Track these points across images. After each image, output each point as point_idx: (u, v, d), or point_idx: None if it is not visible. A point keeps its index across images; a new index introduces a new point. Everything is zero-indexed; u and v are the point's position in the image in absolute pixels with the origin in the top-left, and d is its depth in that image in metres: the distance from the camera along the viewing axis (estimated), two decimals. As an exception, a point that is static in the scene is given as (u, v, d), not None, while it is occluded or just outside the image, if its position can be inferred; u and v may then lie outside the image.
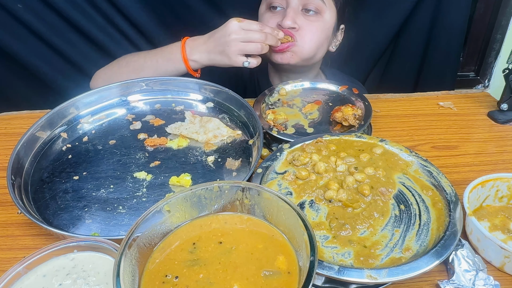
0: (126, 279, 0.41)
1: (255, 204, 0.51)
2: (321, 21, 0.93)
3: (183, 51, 0.87)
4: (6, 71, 1.13)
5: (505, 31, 1.17)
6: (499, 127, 0.87)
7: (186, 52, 0.88)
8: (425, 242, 0.54)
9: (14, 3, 1.00)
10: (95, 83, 0.98)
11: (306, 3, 0.91)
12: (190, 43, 0.88)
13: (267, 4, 0.95)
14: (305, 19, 0.92)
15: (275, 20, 0.93)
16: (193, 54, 0.87)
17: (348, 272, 0.49)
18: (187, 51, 0.88)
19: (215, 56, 0.86)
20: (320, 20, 0.93)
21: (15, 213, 0.68)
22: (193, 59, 0.88)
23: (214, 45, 0.85)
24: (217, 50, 0.85)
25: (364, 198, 0.61)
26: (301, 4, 0.91)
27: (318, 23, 0.93)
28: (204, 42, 0.87)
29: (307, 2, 0.91)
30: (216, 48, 0.85)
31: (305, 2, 0.91)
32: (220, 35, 0.84)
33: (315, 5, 0.91)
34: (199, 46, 0.87)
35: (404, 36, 1.22)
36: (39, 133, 0.79)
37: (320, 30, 0.94)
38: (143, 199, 0.68)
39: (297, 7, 0.91)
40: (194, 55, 0.87)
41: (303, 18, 0.92)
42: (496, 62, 1.23)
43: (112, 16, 1.08)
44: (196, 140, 0.80)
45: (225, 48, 0.83)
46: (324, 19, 0.93)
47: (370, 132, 0.85)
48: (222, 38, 0.83)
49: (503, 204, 0.64)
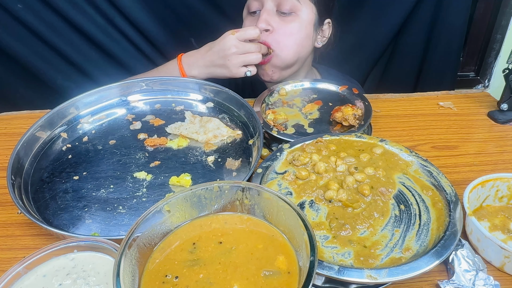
0: (126, 279, 0.41)
1: (255, 204, 0.51)
2: (297, 20, 0.92)
3: (180, 68, 0.90)
4: (6, 71, 1.13)
5: (505, 31, 1.18)
6: (499, 127, 0.87)
7: (184, 69, 0.90)
8: (425, 242, 0.54)
9: (14, 3, 1.00)
10: None
11: (279, 3, 0.90)
12: (187, 60, 0.90)
13: (247, 8, 0.96)
14: (280, 20, 0.91)
15: (254, 24, 0.92)
16: (191, 70, 0.90)
17: (348, 272, 0.49)
18: (185, 68, 0.90)
19: (215, 70, 0.88)
20: (296, 20, 0.92)
21: (15, 213, 0.68)
22: (192, 75, 0.90)
23: (212, 59, 0.87)
24: (216, 64, 0.87)
25: (364, 198, 0.61)
26: (275, 6, 0.91)
27: (294, 23, 0.92)
28: (201, 57, 0.88)
29: (280, 2, 0.90)
30: (216, 62, 0.87)
31: (279, 3, 0.90)
32: (219, 50, 0.85)
33: (290, 5, 0.90)
34: (197, 61, 0.89)
35: (404, 36, 1.22)
36: (39, 133, 0.79)
37: (297, 30, 0.93)
38: (143, 199, 0.68)
39: (271, 8, 0.91)
40: (193, 71, 0.89)
41: (278, 19, 0.91)
42: (496, 62, 1.23)
43: (112, 16, 1.08)
44: (196, 140, 0.80)
45: (225, 62, 0.85)
46: (300, 17, 0.92)
47: (370, 132, 0.85)
48: (221, 52, 0.85)
49: (503, 204, 0.64)
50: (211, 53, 0.87)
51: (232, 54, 0.84)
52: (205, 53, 0.88)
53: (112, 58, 1.13)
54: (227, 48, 0.84)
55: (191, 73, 0.89)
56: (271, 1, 0.90)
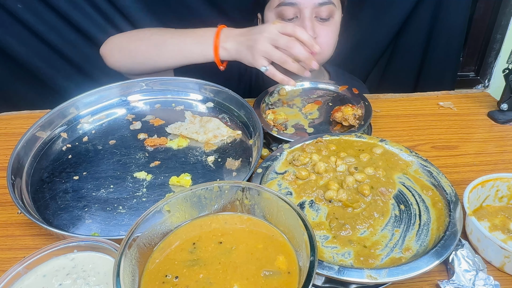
0: (126, 279, 0.41)
1: (255, 204, 0.51)
2: (333, 24, 0.92)
3: (217, 36, 0.83)
4: (6, 71, 1.13)
5: (505, 31, 1.18)
6: (499, 127, 0.87)
7: (220, 38, 0.84)
8: (425, 242, 0.54)
9: (14, 3, 1.01)
10: (107, 50, 0.95)
11: (318, 10, 0.89)
12: (226, 31, 0.85)
13: (278, 14, 0.92)
14: (320, 25, 0.91)
15: None
16: (226, 41, 0.83)
17: (348, 272, 0.49)
18: (221, 38, 0.84)
19: (242, 50, 0.82)
20: (332, 24, 0.92)
21: (15, 213, 0.68)
22: (225, 46, 0.83)
23: (246, 38, 0.82)
24: (246, 44, 0.82)
25: (364, 198, 0.61)
26: (314, 12, 0.89)
27: (331, 27, 0.92)
28: (240, 34, 0.84)
29: (319, 10, 0.89)
30: (246, 42, 0.82)
31: (318, 10, 0.89)
32: (255, 31, 0.81)
33: (328, 11, 0.90)
34: (235, 36, 0.84)
35: (404, 36, 1.22)
36: (39, 133, 0.79)
37: (335, 33, 0.94)
38: (143, 199, 0.68)
39: (311, 16, 0.89)
40: (227, 43, 0.83)
41: (318, 24, 0.90)
42: (496, 62, 1.23)
43: (112, 16, 1.08)
44: (196, 140, 0.80)
45: (253, 44, 0.80)
46: (335, 20, 0.93)
47: (370, 132, 0.85)
48: (256, 34, 0.81)
49: (503, 204, 0.64)
50: (247, 31, 0.83)
51: (264, 38, 0.79)
52: (244, 31, 0.83)
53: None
54: (261, 31, 0.80)
55: (224, 44, 0.83)
56: (310, 8, 0.88)
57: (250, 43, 0.81)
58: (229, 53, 0.84)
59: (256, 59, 0.81)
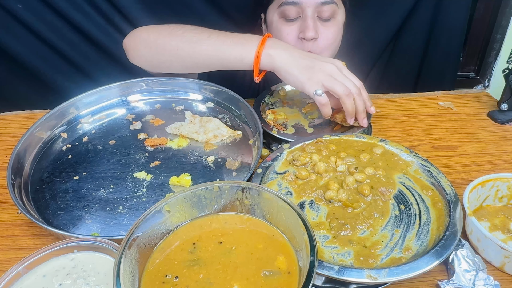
0: (126, 279, 0.41)
1: (255, 204, 0.51)
2: (336, 24, 0.92)
3: (263, 41, 0.76)
4: (6, 71, 1.13)
5: (505, 31, 1.18)
6: (499, 127, 0.87)
7: (266, 43, 0.76)
8: (425, 242, 0.54)
9: (14, 3, 1.00)
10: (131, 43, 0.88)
11: (321, 10, 0.88)
12: (275, 39, 0.79)
13: (280, 14, 0.91)
14: (322, 26, 0.90)
15: (294, 32, 0.89)
16: (273, 49, 0.75)
17: (348, 272, 0.49)
18: (267, 43, 0.76)
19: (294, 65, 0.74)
20: (334, 24, 0.92)
21: (15, 213, 0.68)
22: (271, 53, 0.75)
23: (303, 56, 0.75)
24: (303, 62, 0.74)
25: (364, 198, 0.61)
26: (316, 12, 0.88)
27: (333, 27, 0.92)
28: (293, 48, 0.77)
29: (322, 9, 0.88)
30: (304, 60, 0.74)
31: (320, 10, 0.88)
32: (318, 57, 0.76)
33: (331, 11, 0.89)
34: (286, 48, 0.76)
35: (404, 36, 1.21)
36: (39, 133, 0.79)
37: (337, 34, 0.93)
38: (143, 199, 0.68)
39: (314, 15, 0.88)
40: (274, 50, 0.75)
41: (320, 25, 0.90)
42: (496, 62, 1.23)
43: (112, 16, 1.08)
44: (196, 140, 0.80)
45: (314, 67, 0.74)
46: (337, 20, 0.92)
47: (370, 132, 0.85)
48: (319, 60, 0.75)
49: (503, 204, 0.64)
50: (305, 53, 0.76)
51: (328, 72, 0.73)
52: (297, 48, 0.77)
53: (112, 58, 1.13)
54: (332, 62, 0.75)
55: (270, 50, 0.75)
56: (312, 7, 0.87)
57: (310, 64, 0.74)
58: (273, 62, 0.75)
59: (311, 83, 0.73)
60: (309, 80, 0.73)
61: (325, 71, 0.73)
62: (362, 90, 0.76)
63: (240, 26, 1.16)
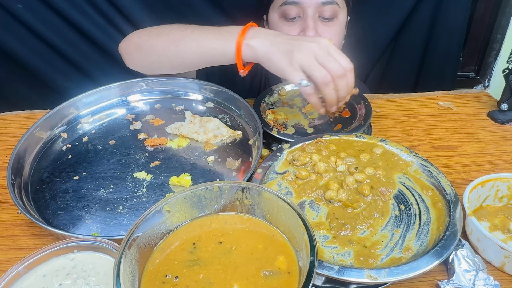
0: (126, 279, 0.41)
1: (255, 204, 0.51)
2: (337, 24, 0.92)
3: (243, 32, 0.70)
4: (6, 71, 1.13)
5: (505, 31, 1.18)
6: (499, 127, 0.87)
7: (246, 34, 0.70)
8: (425, 242, 0.54)
9: (14, 3, 1.01)
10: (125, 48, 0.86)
11: (322, 10, 0.88)
12: (257, 28, 0.72)
13: (281, 14, 0.91)
14: (323, 25, 0.90)
15: (294, 32, 0.89)
16: (254, 39, 0.69)
17: (348, 272, 0.49)
18: (248, 33, 0.70)
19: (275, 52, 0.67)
20: (336, 24, 0.91)
21: (15, 213, 0.68)
22: (251, 43, 0.69)
23: (284, 40, 0.68)
24: (283, 47, 0.67)
25: (364, 198, 0.61)
26: (317, 12, 0.88)
27: (335, 27, 0.91)
28: (276, 34, 0.70)
29: (323, 9, 0.88)
30: (284, 44, 0.67)
31: (321, 10, 0.88)
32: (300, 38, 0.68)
33: (332, 11, 0.89)
34: (267, 35, 0.70)
35: (404, 36, 1.22)
36: (39, 133, 0.79)
37: (338, 33, 0.93)
38: (143, 199, 0.68)
39: (314, 15, 0.88)
40: (255, 40, 0.69)
41: (321, 25, 0.89)
42: (496, 62, 1.23)
43: (112, 16, 1.08)
44: (196, 140, 0.80)
45: (294, 49, 0.66)
46: (339, 21, 0.92)
47: (370, 132, 0.85)
48: (300, 40, 0.67)
49: (503, 204, 0.64)
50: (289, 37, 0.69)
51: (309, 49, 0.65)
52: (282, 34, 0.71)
53: (112, 58, 1.13)
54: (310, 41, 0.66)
55: (250, 41, 0.69)
56: (313, 7, 0.87)
57: (289, 48, 0.66)
58: (254, 52, 0.69)
59: (292, 69, 0.66)
60: (290, 66, 0.66)
61: (305, 52, 0.64)
62: (349, 72, 0.67)
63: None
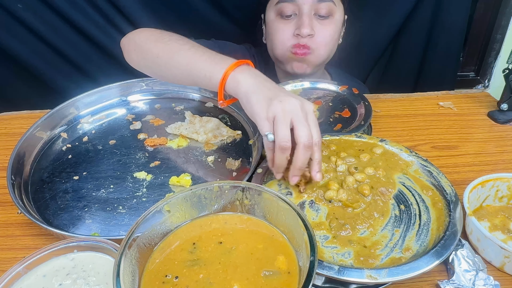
0: (126, 279, 0.41)
1: (255, 204, 0.51)
2: (333, 22, 0.92)
3: (236, 64, 0.66)
4: (6, 71, 1.13)
5: (505, 31, 1.18)
6: (499, 127, 0.87)
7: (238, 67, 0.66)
8: (425, 242, 0.54)
9: (14, 3, 1.01)
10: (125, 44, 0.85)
11: (318, 8, 0.89)
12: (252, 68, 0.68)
13: (277, 12, 0.92)
14: (319, 23, 0.90)
15: (290, 29, 0.90)
16: (243, 73, 0.65)
17: (348, 272, 0.49)
18: (240, 67, 0.66)
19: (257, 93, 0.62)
20: (332, 22, 0.92)
21: (15, 213, 0.68)
22: (238, 77, 0.65)
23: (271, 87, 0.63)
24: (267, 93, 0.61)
25: (364, 198, 0.61)
26: (313, 9, 0.89)
27: (330, 25, 0.92)
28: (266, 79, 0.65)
29: (318, 7, 0.89)
30: (269, 91, 0.62)
31: (317, 7, 0.89)
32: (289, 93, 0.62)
33: (327, 8, 0.89)
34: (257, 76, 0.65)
35: (404, 36, 1.22)
36: (39, 133, 0.79)
37: (334, 32, 0.93)
38: (143, 199, 0.68)
39: (310, 13, 0.89)
40: (243, 75, 0.65)
41: (316, 23, 0.90)
42: (496, 62, 1.23)
43: (112, 16, 1.08)
44: (196, 140, 0.80)
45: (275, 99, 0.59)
46: (335, 19, 0.93)
47: (370, 132, 0.85)
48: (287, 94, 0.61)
49: (503, 204, 0.64)
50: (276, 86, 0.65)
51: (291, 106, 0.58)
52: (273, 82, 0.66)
53: (112, 58, 1.13)
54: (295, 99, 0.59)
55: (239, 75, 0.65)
56: (309, 5, 0.88)
57: (272, 95, 0.60)
58: (238, 87, 0.64)
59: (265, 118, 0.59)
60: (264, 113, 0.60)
61: (284, 106, 0.58)
62: (316, 147, 0.60)
63: (242, 27, 1.16)
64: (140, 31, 0.84)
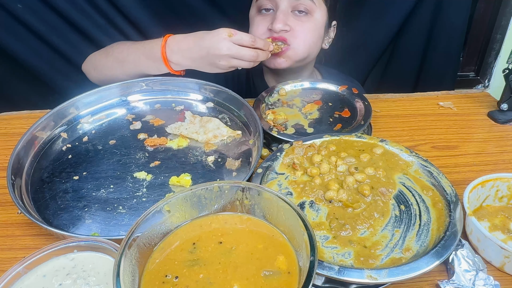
0: (126, 279, 0.41)
1: (255, 204, 0.51)
2: (312, 21, 0.92)
3: (163, 51, 0.83)
4: (6, 71, 1.13)
5: (505, 31, 1.18)
6: (499, 127, 0.87)
7: (167, 53, 0.83)
8: (425, 243, 0.54)
9: (14, 3, 1.00)
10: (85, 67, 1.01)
11: (295, 4, 0.90)
12: (172, 45, 0.84)
13: (257, 7, 0.94)
14: (296, 20, 0.91)
15: (266, 23, 0.91)
16: (174, 57, 0.83)
17: (348, 272, 0.49)
18: (167, 52, 0.83)
19: (201, 65, 0.83)
20: (311, 20, 0.92)
21: (15, 213, 0.68)
22: (174, 61, 0.84)
23: (201, 55, 0.81)
24: (205, 61, 0.81)
25: (364, 198, 0.61)
26: (290, 6, 0.90)
27: (309, 23, 0.92)
28: (188, 48, 0.82)
29: (296, 3, 0.90)
30: (204, 59, 0.81)
31: (295, 4, 0.90)
32: (209, 46, 0.80)
33: (305, 5, 0.90)
34: (183, 51, 0.83)
35: (404, 36, 1.22)
36: (39, 133, 0.79)
37: (312, 30, 0.93)
38: (143, 199, 0.68)
39: (286, 9, 0.90)
40: (176, 57, 0.83)
41: (293, 19, 0.91)
42: (496, 62, 1.23)
43: (112, 16, 1.08)
44: (196, 140, 0.80)
45: (215, 61, 0.80)
46: (315, 18, 0.92)
47: (370, 132, 0.85)
48: (212, 50, 0.79)
49: (503, 204, 0.64)
50: (200, 48, 0.81)
51: (224, 56, 0.79)
52: (193, 45, 0.82)
53: (112, 58, 1.13)
54: (218, 48, 0.78)
55: (173, 59, 0.83)
56: (286, 1, 0.89)
57: (210, 61, 0.81)
58: (181, 66, 0.85)
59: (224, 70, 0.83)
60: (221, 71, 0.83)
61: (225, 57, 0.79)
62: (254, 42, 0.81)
63: (240, 26, 1.16)
64: (94, 53, 1.00)
